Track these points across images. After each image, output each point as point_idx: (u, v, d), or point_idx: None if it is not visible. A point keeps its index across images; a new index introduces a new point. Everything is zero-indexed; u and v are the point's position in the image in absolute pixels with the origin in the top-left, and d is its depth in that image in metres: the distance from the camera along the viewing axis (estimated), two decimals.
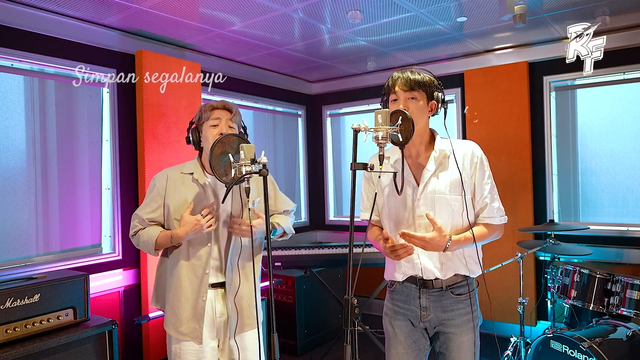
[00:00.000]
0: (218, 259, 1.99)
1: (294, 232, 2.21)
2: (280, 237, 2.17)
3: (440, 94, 1.77)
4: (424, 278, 1.78)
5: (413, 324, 1.81)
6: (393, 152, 1.84)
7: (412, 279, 1.81)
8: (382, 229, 1.94)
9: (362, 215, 1.94)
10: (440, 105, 1.77)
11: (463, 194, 1.74)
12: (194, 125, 2.04)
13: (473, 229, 1.74)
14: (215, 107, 1.98)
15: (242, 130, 2.08)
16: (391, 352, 1.84)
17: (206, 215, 1.86)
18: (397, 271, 1.83)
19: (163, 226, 2.03)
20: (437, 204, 1.74)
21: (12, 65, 2.82)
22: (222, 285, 1.99)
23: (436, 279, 1.76)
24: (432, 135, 1.85)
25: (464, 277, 1.79)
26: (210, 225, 1.88)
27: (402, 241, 1.75)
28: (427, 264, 1.76)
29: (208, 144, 1.95)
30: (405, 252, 1.68)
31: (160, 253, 2.03)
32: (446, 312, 1.77)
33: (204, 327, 1.94)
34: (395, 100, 1.74)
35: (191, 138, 2.03)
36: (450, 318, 1.77)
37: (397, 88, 1.73)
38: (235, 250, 1.98)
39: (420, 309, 1.79)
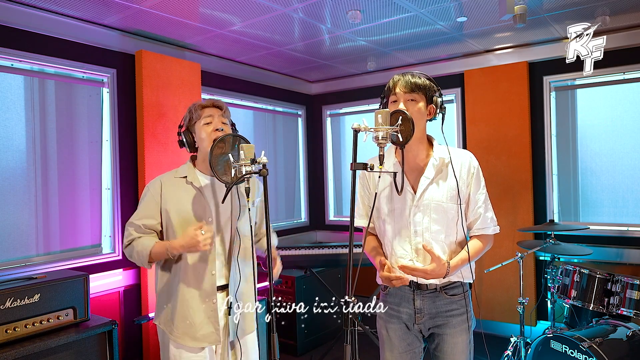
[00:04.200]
0: (221, 261, 1.95)
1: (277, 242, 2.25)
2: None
3: (439, 99, 1.78)
4: (418, 282, 1.78)
5: (407, 327, 1.81)
6: (387, 157, 1.83)
7: None
8: (377, 237, 1.93)
9: (357, 222, 1.92)
10: (438, 109, 1.78)
11: (459, 202, 1.75)
12: (183, 128, 1.99)
13: (469, 244, 1.76)
14: (205, 106, 1.96)
15: (232, 126, 2.05)
16: (385, 356, 1.84)
17: (206, 233, 1.76)
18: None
19: (159, 236, 1.97)
20: (433, 211, 1.74)
21: (12, 65, 2.82)
22: (223, 288, 1.96)
23: (430, 283, 1.77)
24: (430, 141, 1.85)
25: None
26: (206, 246, 1.77)
27: (399, 252, 1.76)
28: None
29: (204, 143, 1.92)
30: (400, 283, 1.68)
31: (152, 266, 1.95)
32: (440, 313, 1.77)
33: (201, 329, 1.90)
34: (395, 101, 1.75)
35: (184, 140, 1.98)
36: (445, 319, 1.77)
37: (397, 90, 1.74)
38: (237, 249, 1.96)
39: (415, 311, 1.79)
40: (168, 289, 1.95)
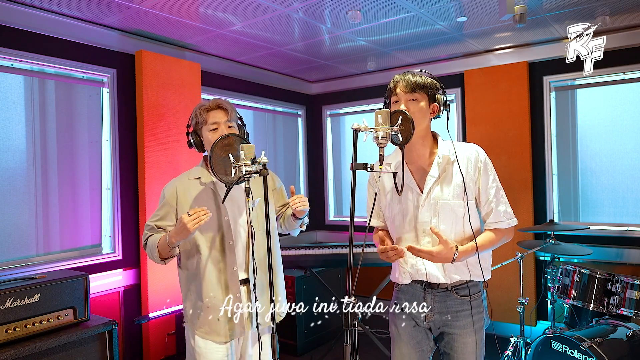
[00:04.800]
0: (241, 256, 1.97)
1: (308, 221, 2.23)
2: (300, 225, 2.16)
3: (442, 97, 1.76)
4: (429, 281, 1.78)
5: (417, 324, 1.81)
6: (394, 158, 1.84)
7: (418, 280, 1.81)
8: (389, 233, 1.93)
9: (373, 222, 1.93)
10: (442, 107, 1.76)
11: (466, 198, 1.73)
12: (191, 129, 2.01)
13: (481, 236, 1.74)
14: (210, 109, 1.95)
15: (240, 122, 2.05)
16: (395, 352, 1.85)
17: (192, 214, 1.73)
18: (402, 276, 1.83)
19: None
20: (440, 210, 1.73)
21: (12, 65, 2.82)
22: (245, 282, 1.98)
23: (441, 282, 1.77)
24: (435, 138, 1.83)
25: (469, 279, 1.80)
26: (194, 225, 1.72)
27: (407, 253, 1.75)
28: (432, 270, 1.76)
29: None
30: (395, 255, 1.68)
31: (167, 262, 1.96)
32: (451, 312, 1.77)
33: (226, 324, 1.92)
34: (396, 102, 1.74)
35: (192, 141, 2.00)
36: (455, 319, 1.76)
37: (398, 90, 1.73)
38: (255, 243, 1.96)
39: (425, 310, 1.79)
40: (192, 288, 1.97)
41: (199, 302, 1.94)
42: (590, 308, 2.90)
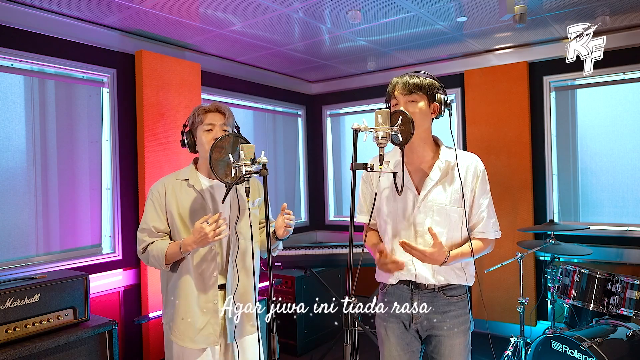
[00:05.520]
0: (220, 261, 1.96)
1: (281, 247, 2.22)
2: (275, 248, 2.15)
3: (442, 96, 1.75)
4: (417, 282, 1.78)
5: (405, 327, 1.81)
6: (392, 156, 1.84)
7: (404, 281, 1.81)
8: (378, 232, 1.94)
9: (359, 218, 1.94)
10: (443, 107, 1.76)
11: (463, 205, 1.74)
12: (187, 128, 2.01)
13: (470, 242, 1.75)
14: (208, 110, 1.96)
15: (236, 131, 2.06)
16: (384, 355, 1.84)
17: (212, 224, 1.75)
18: (390, 275, 1.82)
19: (170, 238, 1.98)
20: (436, 213, 1.74)
21: (12, 65, 2.82)
22: (222, 287, 1.97)
23: (429, 283, 1.77)
24: (436, 143, 1.84)
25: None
26: (218, 235, 1.76)
27: (398, 249, 1.75)
28: (422, 271, 1.76)
29: (203, 149, 1.93)
30: (395, 268, 1.70)
31: (168, 267, 1.95)
32: (438, 314, 1.77)
33: (200, 330, 1.91)
34: (396, 105, 1.74)
35: (186, 141, 2.00)
36: (442, 320, 1.76)
37: (396, 93, 1.74)
38: (234, 250, 1.96)
39: (412, 311, 1.78)
40: (172, 289, 1.96)
41: (175, 305, 1.93)
42: (590, 308, 2.91)
